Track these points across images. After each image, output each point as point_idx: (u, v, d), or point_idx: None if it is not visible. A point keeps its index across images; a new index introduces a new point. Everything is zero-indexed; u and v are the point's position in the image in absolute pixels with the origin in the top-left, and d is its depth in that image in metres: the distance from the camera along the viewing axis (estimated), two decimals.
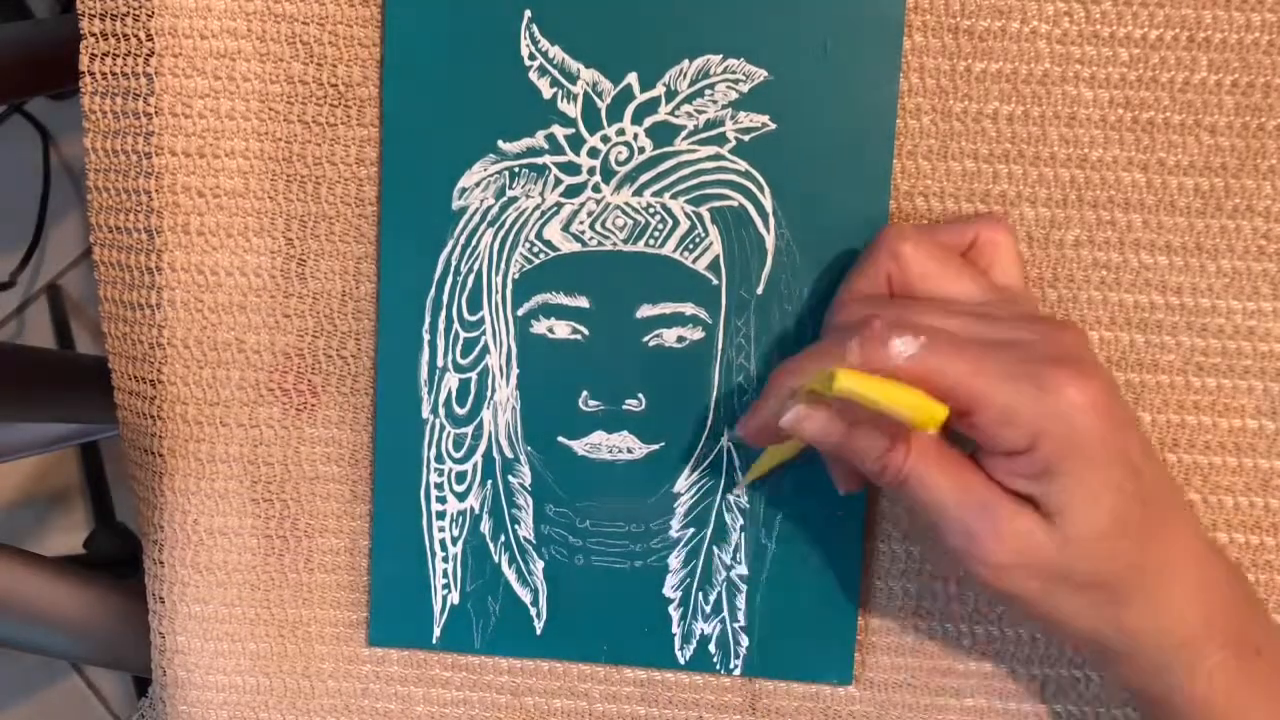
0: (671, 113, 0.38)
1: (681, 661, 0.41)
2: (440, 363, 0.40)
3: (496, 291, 0.39)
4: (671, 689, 0.42)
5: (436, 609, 0.41)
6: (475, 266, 0.39)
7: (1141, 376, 0.39)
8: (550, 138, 0.38)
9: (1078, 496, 0.31)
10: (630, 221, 0.39)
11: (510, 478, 0.41)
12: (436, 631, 0.42)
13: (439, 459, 0.40)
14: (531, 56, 0.38)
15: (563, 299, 0.39)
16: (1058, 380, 0.31)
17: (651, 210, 0.39)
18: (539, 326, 0.39)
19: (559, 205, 0.39)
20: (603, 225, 0.39)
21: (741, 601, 0.41)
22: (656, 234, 0.39)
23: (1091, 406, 0.31)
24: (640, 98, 0.38)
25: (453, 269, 0.39)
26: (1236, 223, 0.38)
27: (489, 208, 0.39)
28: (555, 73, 0.38)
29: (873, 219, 0.38)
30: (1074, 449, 0.31)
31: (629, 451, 0.40)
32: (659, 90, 0.38)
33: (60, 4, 1.09)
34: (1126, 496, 0.32)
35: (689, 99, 0.38)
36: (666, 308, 0.39)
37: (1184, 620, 0.33)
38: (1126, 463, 0.32)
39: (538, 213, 0.39)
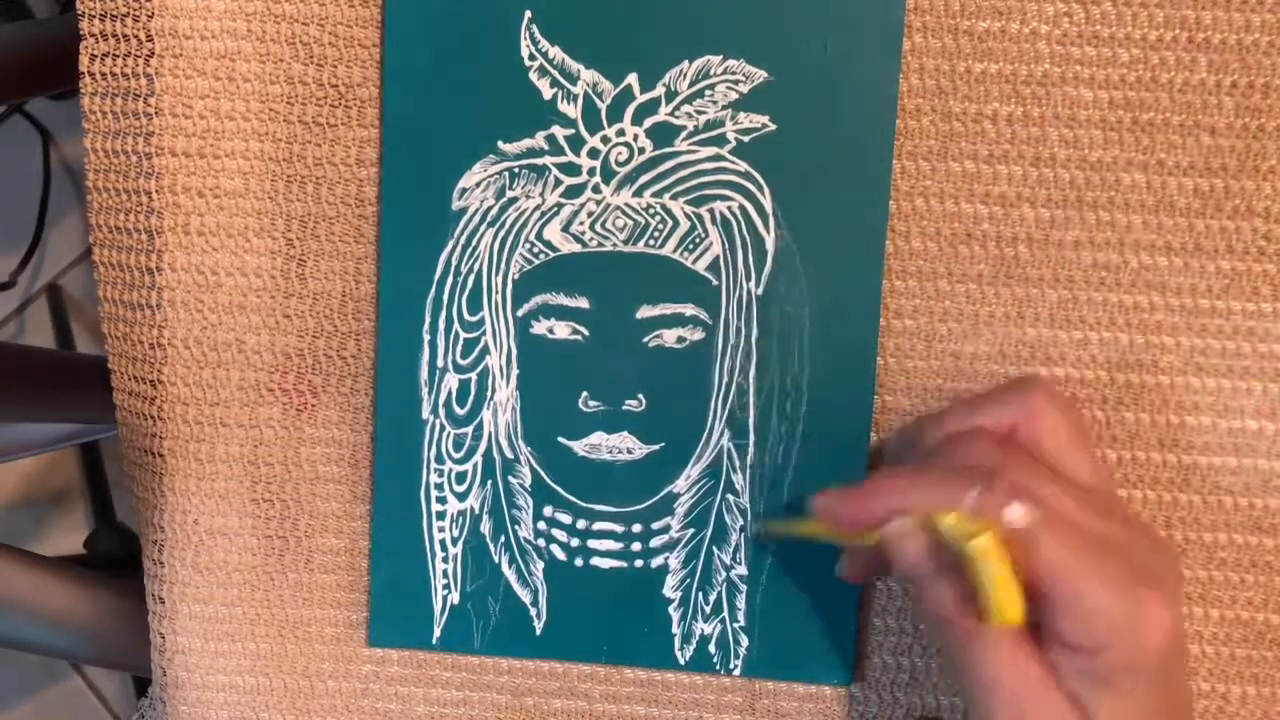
0: (671, 113, 0.38)
1: (681, 662, 0.41)
2: (440, 363, 0.40)
3: (496, 292, 0.39)
4: (671, 689, 0.42)
5: (436, 609, 0.41)
6: (475, 267, 0.39)
7: (1141, 377, 0.39)
8: (550, 138, 0.38)
9: (1119, 710, 0.32)
10: (630, 222, 0.39)
11: (510, 478, 0.41)
12: (436, 632, 0.42)
13: (439, 459, 0.41)
14: (532, 57, 0.38)
15: (563, 299, 0.39)
16: (1147, 601, 0.32)
17: (651, 211, 0.39)
18: (539, 327, 0.39)
19: (559, 206, 0.39)
20: (603, 226, 0.39)
21: (741, 602, 0.41)
22: (656, 235, 0.39)
23: (1165, 634, 0.32)
24: (640, 98, 0.38)
25: (453, 269, 0.39)
26: (1236, 223, 0.38)
27: (489, 208, 0.39)
28: (555, 73, 0.38)
29: (873, 219, 0.38)
30: (1134, 666, 0.32)
31: (629, 452, 0.40)
32: (659, 91, 0.38)
33: (60, 4, 1.09)
34: (1159, 717, 0.33)
35: (689, 100, 0.38)
36: (666, 308, 0.39)
37: None
38: (1168, 687, 0.33)
39: (538, 213, 0.39)
